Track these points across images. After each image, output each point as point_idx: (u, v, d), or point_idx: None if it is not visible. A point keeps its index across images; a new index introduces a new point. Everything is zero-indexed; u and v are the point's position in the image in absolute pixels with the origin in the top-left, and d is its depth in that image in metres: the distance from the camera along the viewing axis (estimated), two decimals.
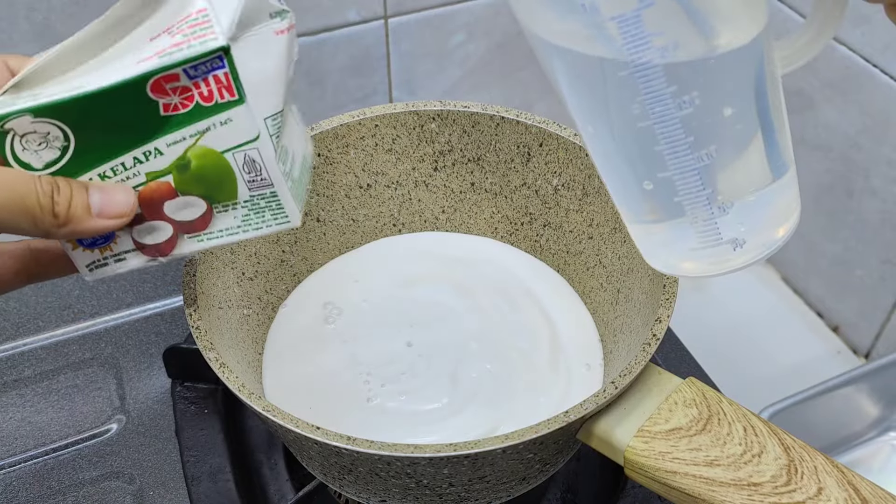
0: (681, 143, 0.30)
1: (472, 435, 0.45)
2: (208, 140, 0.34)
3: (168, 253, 0.38)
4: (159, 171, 0.35)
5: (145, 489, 0.52)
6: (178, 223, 0.37)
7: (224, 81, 0.33)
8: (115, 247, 0.37)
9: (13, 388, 0.58)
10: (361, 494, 0.43)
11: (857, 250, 0.70)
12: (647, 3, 0.26)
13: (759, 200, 0.32)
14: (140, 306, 0.63)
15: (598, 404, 0.39)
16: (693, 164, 0.30)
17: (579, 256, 0.53)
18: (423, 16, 0.73)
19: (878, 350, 0.71)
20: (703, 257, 0.33)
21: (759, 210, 0.33)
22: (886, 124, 0.66)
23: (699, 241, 0.33)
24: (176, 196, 0.36)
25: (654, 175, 0.31)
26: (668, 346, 0.61)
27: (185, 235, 0.37)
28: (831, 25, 0.32)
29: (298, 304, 0.53)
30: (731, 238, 0.32)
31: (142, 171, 0.35)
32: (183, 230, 0.37)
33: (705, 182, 0.31)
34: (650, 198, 0.32)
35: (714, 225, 0.32)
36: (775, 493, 0.37)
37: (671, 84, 0.28)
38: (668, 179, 0.31)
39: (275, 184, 0.36)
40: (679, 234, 0.33)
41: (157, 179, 0.35)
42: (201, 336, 0.41)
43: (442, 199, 0.56)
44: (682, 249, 0.33)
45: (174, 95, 0.33)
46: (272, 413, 0.38)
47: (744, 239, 0.32)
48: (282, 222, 0.37)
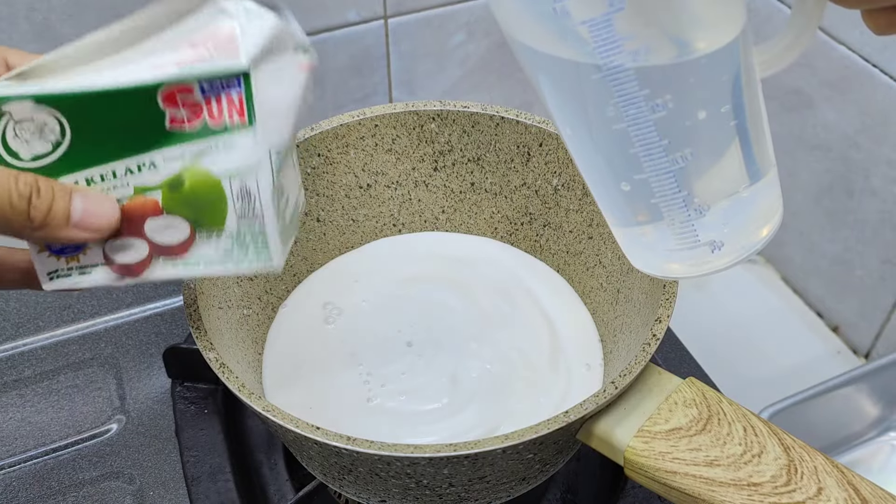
0: (655, 146, 0.30)
1: (472, 435, 0.45)
2: (207, 161, 0.33)
3: (138, 274, 0.35)
4: (149, 186, 0.33)
5: (145, 489, 0.52)
6: (156, 245, 0.35)
7: (237, 104, 0.32)
8: (84, 258, 0.35)
9: (13, 388, 0.58)
10: (361, 494, 0.43)
11: (857, 250, 0.70)
12: (617, 7, 0.27)
13: (736, 204, 0.33)
14: (140, 306, 0.63)
15: (598, 404, 0.39)
16: (668, 167, 0.30)
17: (579, 256, 0.53)
18: (423, 16, 0.73)
19: (878, 350, 0.71)
20: (682, 259, 0.33)
21: (737, 213, 0.33)
22: (886, 124, 0.66)
23: (677, 243, 0.33)
24: (161, 214, 0.34)
25: (631, 177, 0.31)
26: (668, 346, 0.61)
27: (161, 258, 0.35)
28: (810, 30, 0.32)
29: (298, 304, 0.53)
30: (709, 240, 0.32)
31: (131, 182, 0.33)
32: (160, 252, 0.35)
33: (681, 184, 0.31)
34: (629, 199, 0.32)
35: (691, 227, 0.32)
36: (775, 493, 0.37)
37: (644, 87, 0.29)
38: (644, 181, 0.31)
39: (266, 219, 0.34)
40: (658, 236, 0.33)
41: (144, 194, 0.34)
42: (201, 336, 0.41)
43: (442, 199, 0.56)
44: (662, 251, 0.34)
45: (183, 109, 0.32)
46: (272, 413, 0.38)
47: (721, 241, 0.33)
48: (263, 262, 0.35)
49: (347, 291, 0.54)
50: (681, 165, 0.30)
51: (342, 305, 0.53)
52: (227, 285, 0.48)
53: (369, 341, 0.51)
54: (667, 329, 0.42)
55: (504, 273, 0.55)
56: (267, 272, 0.36)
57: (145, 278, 0.36)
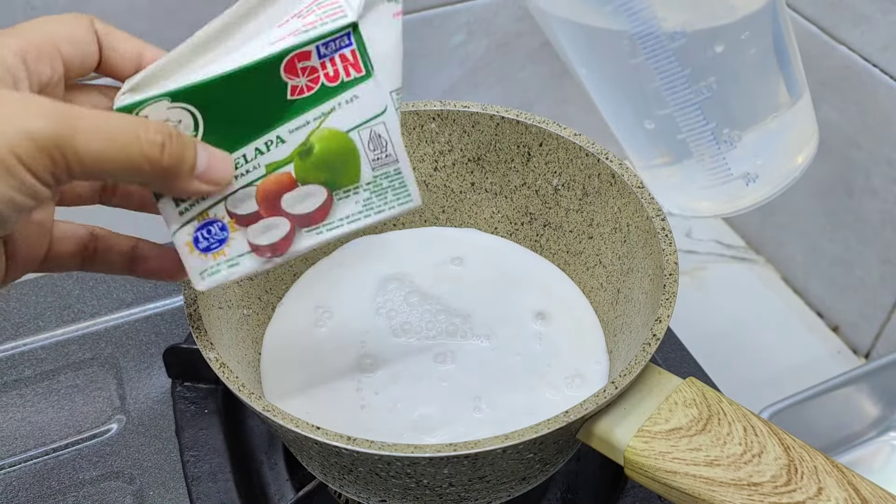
0: (677, 77, 0.29)
1: (472, 435, 0.45)
2: (333, 121, 0.34)
3: (284, 251, 0.36)
4: (280, 160, 0.34)
5: (145, 489, 0.52)
6: (295, 216, 0.35)
7: (350, 58, 0.33)
8: (229, 251, 0.35)
9: (13, 388, 0.58)
10: (361, 494, 0.43)
11: (857, 250, 0.70)
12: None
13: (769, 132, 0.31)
14: (140, 306, 0.63)
15: (598, 404, 0.39)
16: (692, 99, 0.29)
17: (579, 256, 0.53)
18: (423, 16, 0.73)
19: (878, 350, 0.71)
20: (716, 195, 0.32)
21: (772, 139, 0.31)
22: (886, 124, 0.66)
23: (709, 180, 0.31)
24: (295, 186, 0.35)
25: (654, 113, 0.30)
26: (668, 346, 0.61)
27: (304, 229, 0.35)
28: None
29: (292, 303, 0.53)
30: (743, 172, 0.31)
31: (262, 162, 0.34)
32: (301, 223, 0.35)
33: (708, 116, 0.29)
34: (654, 138, 0.31)
35: (723, 161, 0.31)
36: (775, 493, 0.37)
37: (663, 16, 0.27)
38: (668, 116, 0.30)
39: (399, 159, 0.35)
40: (688, 175, 0.31)
41: (276, 171, 0.34)
42: (201, 336, 0.41)
43: (442, 199, 0.56)
44: (693, 189, 0.32)
45: (302, 76, 0.33)
46: (272, 413, 0.38)
47: (756, 173, 0.31)
48: (404, 202, 0.36)
49: (339, 290, 0.53)
50: (706, 96, 0.29)
51: (333, 307, 0.52)
52: (227, 285, 0.48)
53: (364, 341, 0.50)
54: (667, 329, 0.42)
55: (503, 270, 0.55)
56: (409, 211, 0.36)
57: (292, 253, 0.36)
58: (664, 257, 0.44)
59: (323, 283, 0.54)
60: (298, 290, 0.54)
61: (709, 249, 0.80)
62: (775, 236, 0.77)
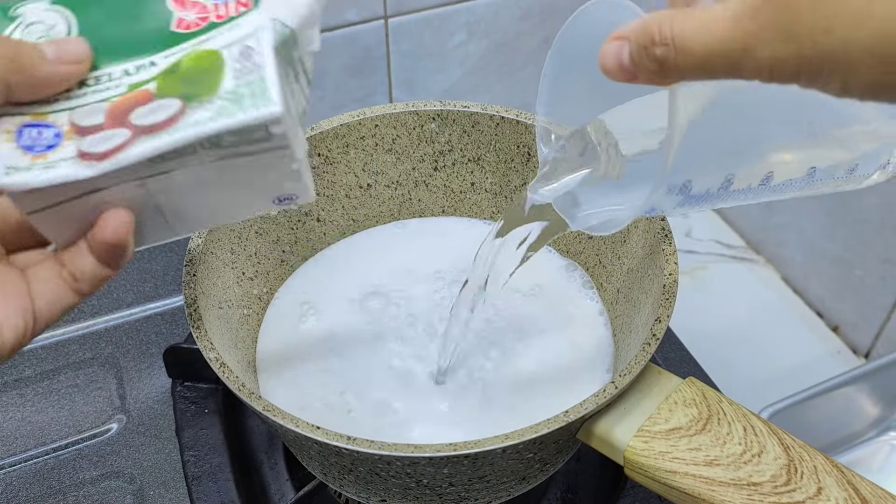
0: None
1: (472, 435, 0.45)
2: (208, 44, 0.32)
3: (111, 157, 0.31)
4: (145, 80, 0.32)
5: (145, 489, 0.52)
6: (140, 127, 0.32)
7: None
8: (53, 157, 0.31)
9: (13, 388, 0.58)
10: (361, 494, 0.43)
11: (857, 250, 0.70)
12: None
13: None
14: (140, 306, 0.63)
15: (597, 404, 0.39)
16: None
17: (579, 256, 0.53)
18: (423, 16, 0.73)
19: (878, 350, 0.71)
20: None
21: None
22: None
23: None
24: (150, 101, 0.32)
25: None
26: (668, 346, 0.61)
27: (143, 136, 0.32)
28: None
29: (282, 302, 0.53)
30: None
31: (125, 82, 0.32)
32: (143, 132, 0.32)
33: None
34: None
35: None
36: (775, 492, 0.37)
37: None
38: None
39: (266, 65, 0.31)
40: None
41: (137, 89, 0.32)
42: (201, 336, 0.41)
43: (442, 199, 0.56)
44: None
45: (191, 11, 0.32)
46: (272, 413, 0.38)
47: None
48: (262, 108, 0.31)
49: (331, 288, 0.53)
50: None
51: (322, 305, 0.52)
52: (227, 285, 0.48)
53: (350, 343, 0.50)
54: (667, 329, 0.42)
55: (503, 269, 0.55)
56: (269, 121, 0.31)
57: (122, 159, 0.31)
58: (664, 257, 0.44)
59: (313, 280, 0.54)
60: (287, 286, 0.53)
61: (709, 249, 0.80)
62: (775, 236, 0.77)
